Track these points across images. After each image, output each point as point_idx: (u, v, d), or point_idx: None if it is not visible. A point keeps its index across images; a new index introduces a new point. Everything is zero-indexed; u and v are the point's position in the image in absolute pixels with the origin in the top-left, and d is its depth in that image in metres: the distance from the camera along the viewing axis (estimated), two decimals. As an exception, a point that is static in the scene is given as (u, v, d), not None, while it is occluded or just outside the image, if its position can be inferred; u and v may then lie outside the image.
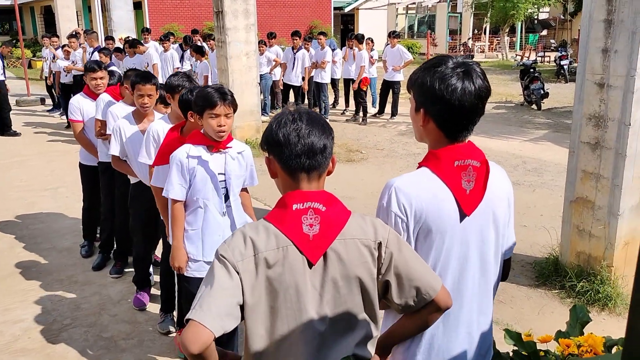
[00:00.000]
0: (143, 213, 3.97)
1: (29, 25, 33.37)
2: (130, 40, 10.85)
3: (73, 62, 11.53)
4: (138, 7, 22.42)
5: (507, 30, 27.07)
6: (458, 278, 1.67)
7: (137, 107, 3.89)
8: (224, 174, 2.96)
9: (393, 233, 1.56)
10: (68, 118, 5.34)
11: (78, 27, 19.15)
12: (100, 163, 4.76)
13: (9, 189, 7.22)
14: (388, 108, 11.82)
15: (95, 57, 9.73)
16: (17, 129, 10.87)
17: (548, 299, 4.21)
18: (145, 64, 10.29)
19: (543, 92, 12.41)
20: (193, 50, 11.36)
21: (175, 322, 3.76)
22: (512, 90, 15.29)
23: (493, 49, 29.29)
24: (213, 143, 2.90)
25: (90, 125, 4.79)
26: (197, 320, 1.38)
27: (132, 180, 4.09)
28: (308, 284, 1.49)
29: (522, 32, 30.17)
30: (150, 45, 11.33)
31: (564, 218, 4.45)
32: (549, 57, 23.33)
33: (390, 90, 11.63)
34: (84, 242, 5.21)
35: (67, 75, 11.57)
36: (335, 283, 1.51)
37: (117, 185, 4.50)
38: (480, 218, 1.66)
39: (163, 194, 3.00)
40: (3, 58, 11.22)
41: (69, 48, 11.81)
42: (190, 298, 3.05)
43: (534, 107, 12.65)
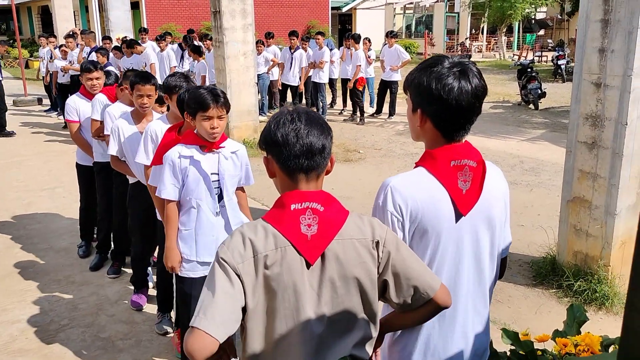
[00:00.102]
0: (141, 213, 3.97)
1: (26, 25, 33.31)
2: (128, 41, 10.84)
3: (70, 62, 11.51)
4: (135, 7, 22.40)
5: (504, 30, 27.11)
6: (454, 278, 1.67)
7: (136, 107, 3.89)
8: (217, 174, 2.95)
9: (390, 232, 1.56)
10: (64, 118, 5.32)
11: (75, 27, 19.14)
12: (96, 163, 4.75)
13: (6, 189, 7.21)
14: (386, 108, 11.82)
15: (93, 57, 9.72)
16: (14, 129, 10.84)
17: (545, 299, 4.22)
18: (143, 64, 10.29)
19: (540, 91, 12.43)
20: (191, 50, 11.36)
21: (173, 322, 3.76)
22: (509, 90, 15.31)
23: (490, 49, 29.33)
24: (206, 143, 2.90)
25: (87, 126, 4.79)
26: (201, 329, 1.38)
27: (130, 180, 4.08)
28: (306, 284, 1.48)
29: (519, 31, 30.20)
30: (148, 45, 11.33)
31: (561, 217, 4.46)
32: (546, 56, 23.36)
33: (388, 90, 11.64)
34: (82, 242, 5.21)
35: (64, 76, 11.56)
36: (333, 283, 1.50)
37: (115, 186, 4.49)
38: (476, 218, 1.66)
39: (156, 194, 3.00)
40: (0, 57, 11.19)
41: (66, 48, 11.79)
42: (184, 298, 3.07)
43: (532, 106, 12.67)
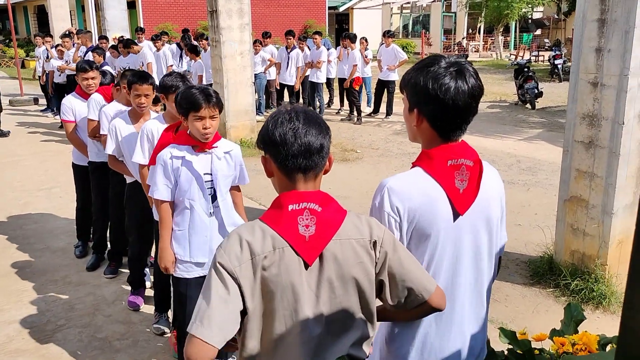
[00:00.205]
0: (138, 213, 3.96)
1: (22, 25, 33.22)
2: (125, 40, 10.82)
3: (66, 61, 11.49)
4: (132, 6, 22.37)
5: (501, 30, 27.16)
6: (451, 277, 1.67)
7: (133, 106, 3.89)
8: (210, 174, 2.94)
9: (388, 233, 1.56)
10: (60, 118, 5.31)
11: (72, 26, 19.10)
12: (90, 163, 4.74)
13: (3, 189, 7.19)
14: (383, 107, 11.83)
15: (89, 56, 9.70)
16: (10, 129, 10.79)
17: (542, 298, 4.23)
18: (140, 64, 10.27)
19: (537, 91, 12.45)
20: (188, 50, 11.35)
21: (170, 322, 3.76)
22: (506, 90, 15.33)
23: (487, 49, 29.37)
24: (198, 143, 2.89)
25: (83, 126, 4.77)
26: (199, 337, 1.39)
27: (128, 180, 4.07)
28: (304, 285, 1.48)
29: (516, 31, 30.26)
30: (145, 45, 11.31)
31: (558, 217, 4.46)
32: (543, 56, 23.41)
33: (385, 90, 11.64)
34: (78, 242, 5.19)
35: (60, 75, 11.54)
36: (331, 283, 1.50)
37: (111, 185, 4.48)
38: (474, 217, 1.66)
39: (149, 194, 3.00)
40: None
41: (63, 48, 11.77)
42: (180, 298, 3.07)
43: (528, 106, 12.70)
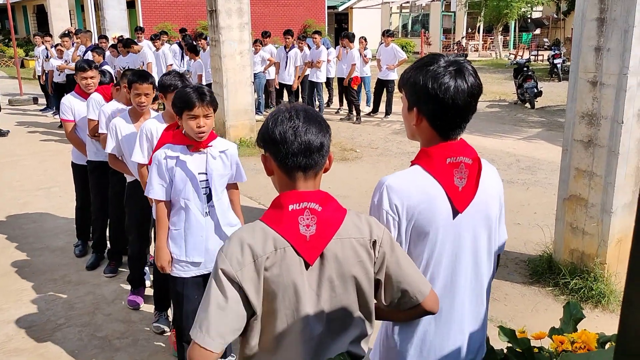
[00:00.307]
0: (138, 212, 3.96)
1: (22, 25, 33.20)
2: (125, 40, 10.82)
3: (66, 61, 11.48)
4: (131, 6, 22.35)
5: (500, 29, 27.16)
6: (451, 275, 1.67)
7: (133, 106, 3.89)
8: (206, 174, 2.94)
9: (387, 233, 1.56)
10: (60, 117, 5.31)
11: (71, 26, 19.08)
12: (89, 162, 4.74)
13: (2, 189, 7.18)
14: (382, 107, 11.83)
15: (89, 56, 9.69)
16: (9, 129, 10.78)
17: (542, 296, 4.23)
18: (141, 63, 10.27)
19: (536, 90, 12.45)
20: (188, 49, 11.36)
21: (170, 321, 3.76)
22: (505, 89, 15.33)
23: (487, 48, 29.38)
24: (193, 143, 2.89)
25: (82, 125, 4.78)
26: (198, 343, 1.43)
27: (128, 179, 4.08)
28: (305, 284, 1.48)
29: (515, 31, 30.26)
30: (144, 44, 11.31)
31: (558, 216, 4.47)
32: (542, 55, 23.40)
33: (384, 89, 11.64)
34: (78, 241, 5.20)
35: (60, 75, 11.53)
36: (332, 282, 1.50)
37: (111, 184, 4.48)
38: (473, 215, 1.66)
39: (145, 194, 3.00)
40: None
41: (62, 47, 11.76)
42: (177, 297, 3.08)
43: (528, 105, 12.70)
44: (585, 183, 4.13)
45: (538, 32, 31.95)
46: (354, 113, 11.43)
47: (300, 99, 12.48)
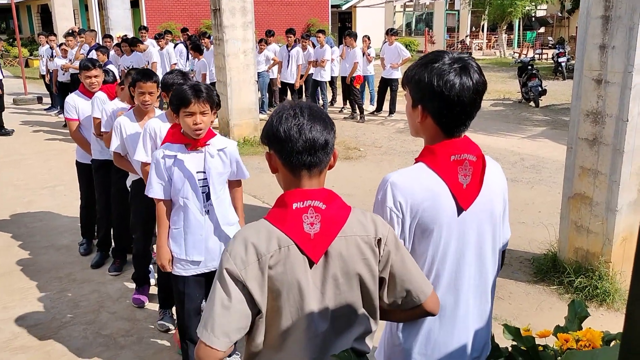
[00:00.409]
0: (143, 210, 3.97)
1: (26, 24, 33.28)
2: (130, 39, 10.84)
3: (70, 60, 11.51)
4: (135, 5, 22.37)
5: (504, 28, 27.09)
6: (455, 272, 1.67)
7: (137, 104, 3.90)
8: (204, 172, 2.94)
9: (392, 232, 1.56)
10: (64, 116, 5.33)
11: (75, 25, 19.13)
12: (94, 160, 4.75)
13: (7, 188, 7.21)
14: (386, 106, 11.81)
15: (93, 55, 9.71)
16: (14, 128, 10.82)
17: (546, 295, 4.22)
18: (146, 62, 10.29)
19: (541, 89, 12.42)
20: (191, 49, 11.38)
21: (175, 319, 3.77)
22: (510, 88, 15.30)
23: (491, 47, 29.33)
24: (190, 141, 2.89)
25: (86, 124, 4.79)
26: (205, 343, 1.44)
27: (133, 178, 4.09)
28: (310, 283, 1.48)
29: (519, 29, 30.18)
30: (149, 44, 11.34)
31: (562, 214, 4.46)
32: (547, 54, 23.35)
33: (388, 88, 11.63)
34: (83, 240, 5.21)
35: (64, 74, 11.55)
36: (336, 280, 1.50)
37: (113, 182, 4.50)
38: (477, 212, 1.66)
39: (145, 193, 3.01)
40: None
41: (67, 47, 11.79)
42: (178, 296, 3.09)
43: (532, 104, 12.66)
44: (590, 181, 4.12)
45: (542, 30, 31.85)
46: (357, 112, 11.43)
47: (304, 97, 12.49)
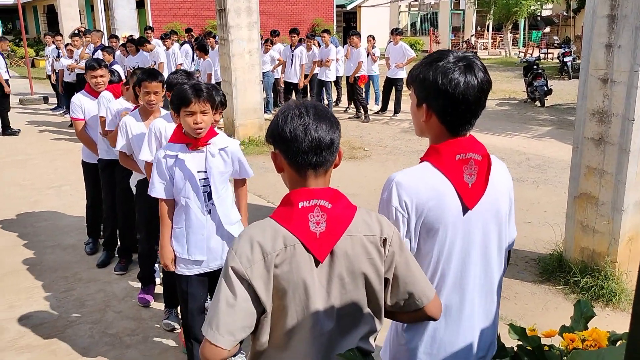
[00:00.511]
0: (147, 210, 3.98)
1: (32, 24, 33.40)
2: (137, 39, 10.87)
3: (76, 60, 11.55)
4: (141, 5, 22.44)
5: (510, 27, 27.03)
6: (460, 272, 1.67)
7: (143, 104, 3.91)
8: (205, 172, 2.94)
9: (397, 233, 1.56)
10: (70, 116, 5.35)
11: (81, 25, 19.19)
12: (100, 160, 4.77)
13: (13, 188, 7.25)
14: (391, 105, 11.80)
15: (98, 55, 9.75)
16: (20, 128, 10.86)
17: (552, 295, 4.21)
18: (152, 62, 10.32)
19: (546, 88, 12.38)
20: (197, 49, 11.41)
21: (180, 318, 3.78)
22: (515, 87, 15.26)
23: (496, 46, 29.25)
24: (191, 140, 2.89)
25: (92, 124, 4.80)
26: (210, 341, 1.44)
27: (138, 177, 4.10)
28: (315, 281, 1.48)
29: (525, 29, 30.10)
30: (155, 44, 11.37)
31: (568, 214, 4.44)
32: (552, 54, 23.29)
33: (393, 88, 11.62)
34: (88, 239, 5.23)
35: (70, 74, 11.60)
36: (342, 279, 1.50)
37: (117, 181, 4.52)
38: (483, 211, 1.66)
39: (148, 192, 3.01)
40: (4, 56, 11.18)
41: (72, 47, 11.83)
42: (182, 295, 3.10)
43: (538, 103, 12.63)
44: (596, 181, 4.10)
45: (548, 30, 31.76)
46: (362, 112, 11.42)
47: (309, 97, 12.50)
